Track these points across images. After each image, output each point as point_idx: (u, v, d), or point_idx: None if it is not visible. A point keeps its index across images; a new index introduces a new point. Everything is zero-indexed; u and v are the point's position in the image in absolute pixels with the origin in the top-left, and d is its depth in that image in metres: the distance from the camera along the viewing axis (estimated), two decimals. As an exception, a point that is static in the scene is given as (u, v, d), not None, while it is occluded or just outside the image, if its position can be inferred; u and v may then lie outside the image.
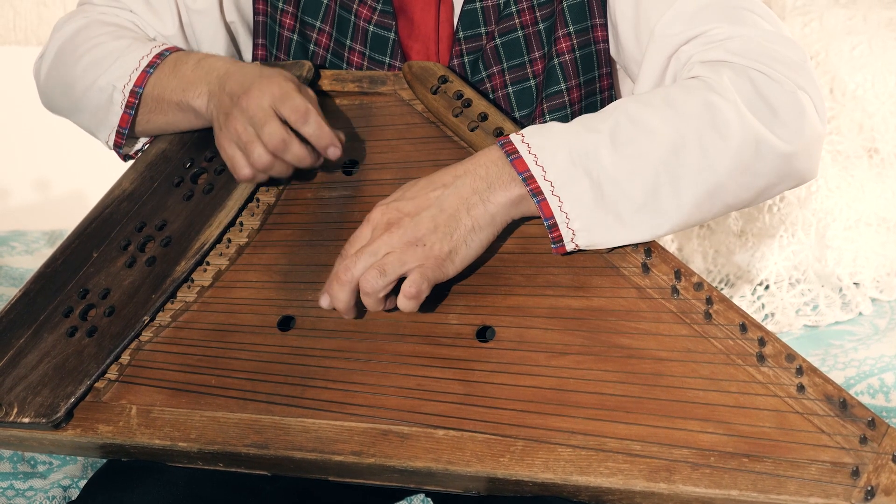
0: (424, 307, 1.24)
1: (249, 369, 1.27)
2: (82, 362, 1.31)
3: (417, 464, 1.17)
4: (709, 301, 1.22)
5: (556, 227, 1.24)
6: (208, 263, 1.38)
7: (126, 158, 1.57)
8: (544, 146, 1.24)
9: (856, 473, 1.08)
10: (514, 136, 1.26)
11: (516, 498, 1.18)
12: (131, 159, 1.57)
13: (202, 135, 1.49)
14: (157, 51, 1.48)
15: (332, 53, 1.52)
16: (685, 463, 1.12)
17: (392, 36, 1.48)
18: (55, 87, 1.56)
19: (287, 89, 1.36)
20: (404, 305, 1.23)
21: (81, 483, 1.51)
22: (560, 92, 1.45)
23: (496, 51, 1.46)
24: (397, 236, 1.23)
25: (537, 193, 1.23)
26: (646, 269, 1.25)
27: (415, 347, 1.25)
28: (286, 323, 1.31)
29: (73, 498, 1.44)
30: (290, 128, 1.35)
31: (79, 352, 1.32)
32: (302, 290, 1.33)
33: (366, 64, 1.50)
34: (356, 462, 1.19)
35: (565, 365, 1.20)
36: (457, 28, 1.47)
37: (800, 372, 1.15)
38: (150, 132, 1.52)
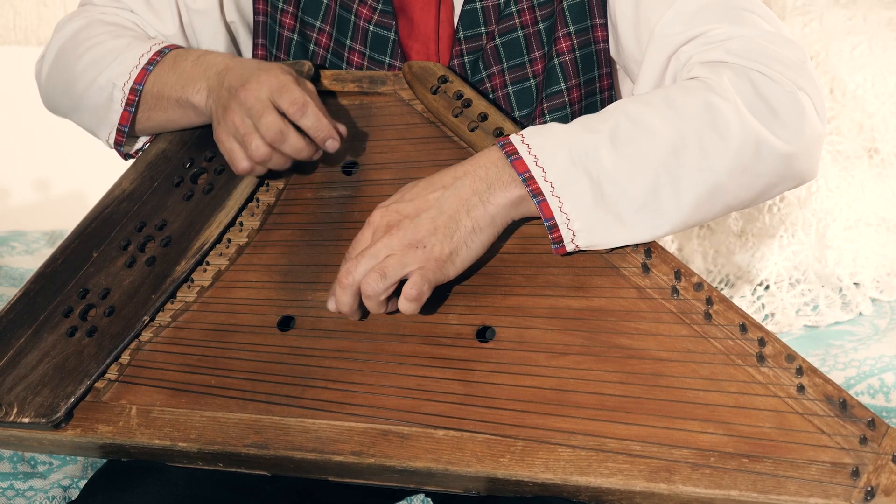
0: (424, 307, 1.24)
1: (249, 369, 1.27)
2: (82, 362, 1.31)
3: (417, 464, 1.17)
4: (709, 301, 1.22)
5: (557, 228, 1.24)
6: (208, 263, 1.38)
7: (127, 157, 1.57)
8: (544, 147, 1.24)
9: (856, 474, 1.08)
10: (514, 137, 1.25)
11: (516, 498, 1.18)
12: (132, 158, 1.56)
13: (202, 134, 1.49)
14: (156, 48, 1.48)
15: (332, 53, 1.51)
16: (685, 463, 1.12)
17: (392, 36, 1.48)
18: (56, 86, 1.56)
19: (285, 81, 1.35)
20: (405, 307, 1.23)
21: (81, 483, 1.51)
22: (560, 92, 1.45)
23: (496, 51, 1.46)
24: (397, 238, 1.23)
25: (537, 194, 1.23)
26: (646, 269, 1.25)
27: (415, 347, 1.25)
28: (286, 323, 1.31)
29: (73, 498, 1.44)
30: (288, 120, 1.35)
31: (79, 352, 1.32)
32: (302, 290, 1.33)
33: (366, 64, 1.50)
34: (356, 462, 1.19)
35: (565, 365, 1.20)
36: (457, 28, 1.47)
37: (800, 372, 1.15)
38: (151, 130, 1.52)
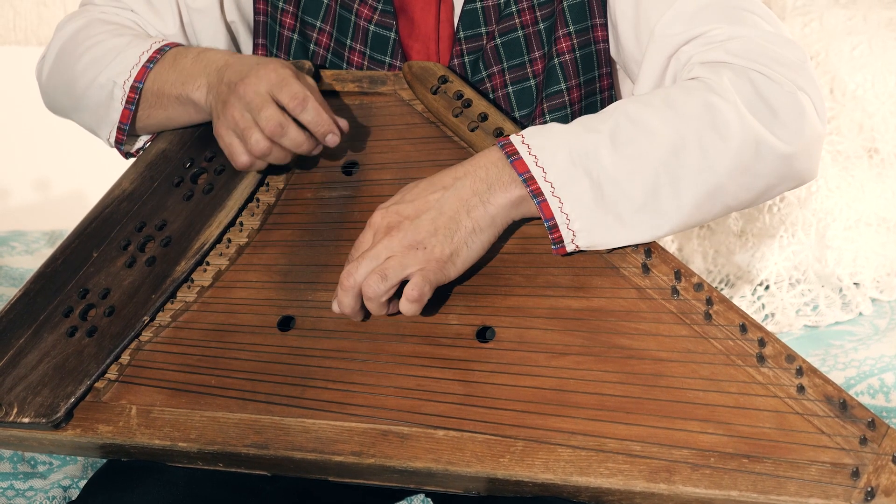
0: (425, 308, 1.24)
1: (249, 369, 1.27)
2: (82, 362, 1.31)
3: (417, 464, 1.17)
4: (709, 301, 1.22)
5: (557, 228, 1.24)
6: (208, 263, 1.38)
7: (127, 156, 1.57)
8: (544, 147, 1.24)
9: (856, 474, 1.08)
10: (514, 137, 1.25)
11: (516, 498, 1.18)
12: (133, 157, 1.56)
13: (202, 134, 1.49)
14: (156, 46, 1.48)
15: (333, 53, 1.51)
16: (685, 463, 1.12)
17: (392, 35, 1.48)
18: (57, 86, 1.56)
19: (284, 76, 1.35)
20: (407, 309, 1.22)
21: (81, 483, 1.51)
22: (560, 92, 1.45)
23: (496, 50, 1.46)
24: (397, 240, 1.23)
25: (538, 194, 1.23)
26: (646, 269, 1.25)
27: (415, 348, 1.25)
28: (286, 323, 1.31)
29: (73, 498, 1.44)
30: (288, 114, 1.35)
31: (79, 352, 1.32)
32: (302, 291, 1.33)
33: (366, 63, 1.50)
34: (356, 462, 1.19)
35: (565, 365, 1.20)
36: (457, 28, 1.47)
37: (800, 373, 1.15)
38: (151, 128, 1.52)
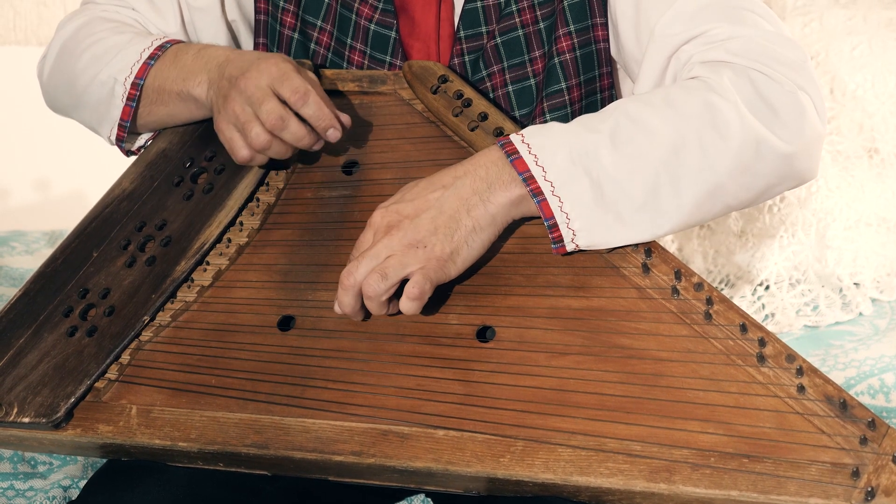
0: (425, 308, 1.24)
1: (249, 369, 1.27)
2: (82, 362, 1.31)
3: (417, 464, 1.17)
4: (709, 301, 1.22)
5: (557, 228, 1.24)
6: (208, 263, 1.38)
7: (128, 154, 1.57)
8: (544, 146, 1.24)
9: (856, 474, 1.08)
10: (514, 137, 1.25)
11: (516, 498, 1.18)
12: (134, 155, 1.56)
13: (202, 134, 1.49)
14: (157, 43, 1.48)
15: (333, 52, 1.51)
16: (685, 463, 1.12)
17: (393, 35, 1.48)
18: (58, 85, 1.56)
19: (285, 70, 1.35)
20: (407, 307, 1.22)
21: (81, 483, 1.51)
22: (560, 91, 1.44)
23: (496, 50, 1.45)
24: (397, 239, 1.23)
25: (538, 194, 1.23)
26: (646, 269, 1.25)
27: (415, 347, 1.25)
28: (286, 323, 1.31)
29: (73, 498, 1.44)
30: (289, 108, 1.35)
31: (79, 351, 1.32)
32: (302, 290, 1.33)
33: (366, 63, 1.50)
34: (356, 462, 1.19)
35: (565, 365, 1.20)
36: (457, 27, 1.47)
37: (800, 372, 1.15)
38: (152, 125, 1.52)
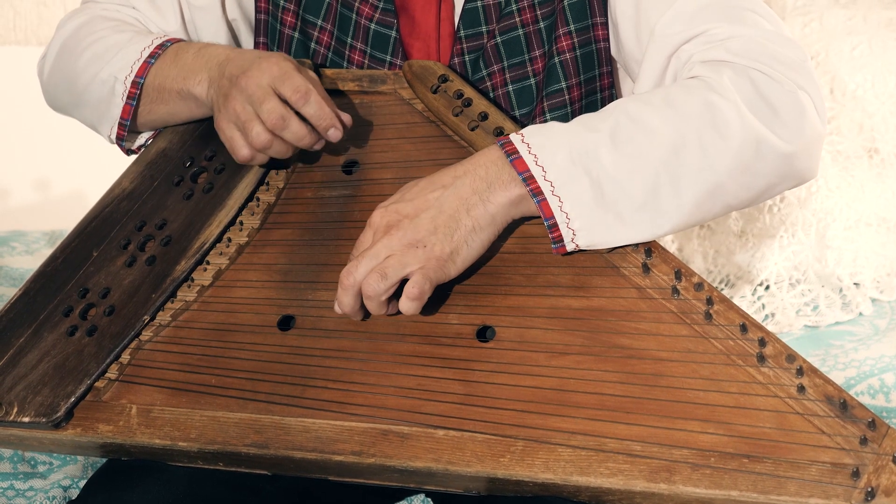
0: (425, 307, 1.24)
1: (249, 369, 1.27)
2: (82, 361, 1.31)
3: (418, 464, 1.17)
4: (709, 301, 1.22)
5: (557, 227, 1.24)
6: (208, 263, 1.38)
7: (129, 153, 1.57)
8: (544, 146, 1.24)
9: (856, 474, 1.08)
10: (513, 136, 1.25)
11: (516, 498, 1.18)
12: (134, 154, 1.56)
13: (202, 133, 1.49)
14: (158, 42, 1.48)
15: (334, 52, 1.51)
16: (685, 463, 1.12)
17: (393, 34, 1.48)
18: (58, 83, 1.56)
19: (286, 69, 1.35)
20: (407, 307, 1.22)
21: (81, 483, 1.51)
22: (560, 91, 1.44)
23: (497, 49, 1.45)
24: (397, 238, 1.23)
25: (537, 193, 1.23)
26: (646, 269, 1.25)
27: (415, 347, 1.25)
28: (286, 322, 1.31)
29: (73, 498, 1.44)
30: (290, 107, 1.35)
31: (79, 351, 1.32)
32: (302, 290, 1.33)
33: (367, 62, 1.49)
34: (356, 462, 1.19)
35: (565, 365, 1.20)
36: (458, 26, 1.47)
37: (800, 373, 1.15)
38: (153, 124, 1.52)
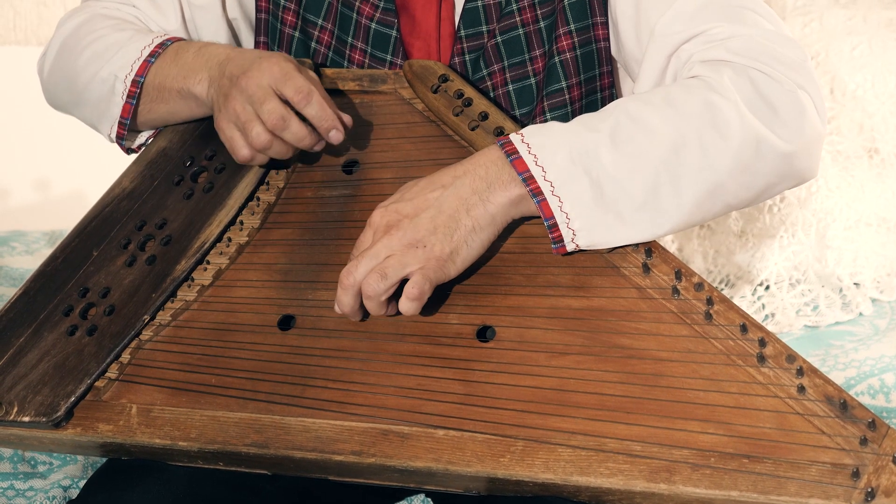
0: (425, 307, 1.24)
1: (249, 368, 1.27)
2: (82, 361, 1.31)
3: (418, 464, 1.17)
4: (709, 301, 1.22)
5: (557, 227, 1.24)
6: (208, 262, 1.37)
7: (129, 152, 1.57)
8: (544, 146, 1.24)
9: (856, 475, 1.08)
10: (513, 136, 1.25)
11: (516, 498, 1.18)
12: (134, 153, 1.56)
13: (202, 133, 1.49)
14: (158, 41, 1.48)
15: (334, 51, 1.51)
16: (685, 464, 1.12)
17: (394, 34, 1.48)
18: (58, 81, 1.56)
19: (287, 69, 1.35)
20: (406, 307, 1.22)
21: (81, 483, 1.51)
22: (560, 90, 1.44)
23: (497, 49, 1.45)
24: (397, 238, 1.23)
25: (537, 193, 1.23)
26: (646, 269, 1.25)
27: (415, 347, 1.25)
28: (286, 322, 1.31)
29: (73, 498, 1.44)
30: (290, 107, 1.35)
31: (79, 350, 1.32)
32: (302, 290, 1.33)
33: (367, 62, 1.49)
34: (356, 462, 1.19)
35: (566, 365, 1.20)
36: (458, 26, 1.47)
37: (800, 373, 1.15)
38: (153, 123, 1.52)
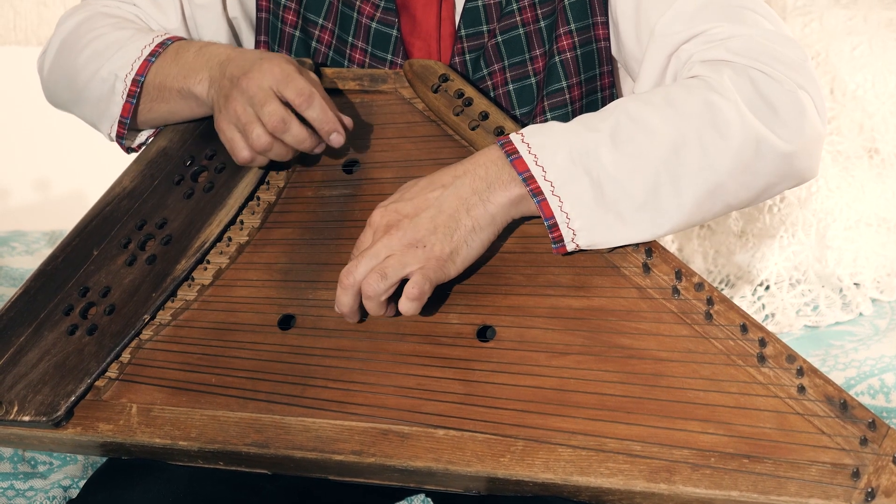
0: (425, 307, 1.24)
1: (250, 368, 1.27)
2: (83, 360, 1.31)
3: (418, 463, 1.17)
4: (709, 301, 1.22)
5: (557, 227, 1.24)
6: (209, 262, 1.37)
7: (129, 151, 1.57)
8: (544, 146, 1.24)
9: (856, 475, 1.08)
10: (513, 136, 1.25)
11: (516, 498, 1.18)
12: (134, 152, 1.56)
13: (203, 132, 1.49)
14: (159, 40, 1.48)
15: (335, 50, 1.51)
16: (685, 463, 1.12)
17: (394, 33, 1.48)
18: (58, 79, 1.56)
19: (289, 71, 1.35)
20: (406, 307, 1.22)
21: (81, 483, 1.51)
22: (561, 90, 1.44)
23: (497, 48, 1.45)
24: (396, 238, 1.23)
25: (537, 193, 1.23)
26: (647, 269, 1.25)
27: (415, 347, 1.25)
28: (286, 322, 1.31)
29: (73, 497, 1.44)
30: (291, 109, 1.35)
31: (79, 350, 1.32)
32: (302, 289, 1.33)
33: (368, 61, 1.49)
34: (356, 461, 1.19)
35: (566, 365, 1.20)
36: (458, 26, 1.47)
37: (800, 373, 1.15)
38: (153, 122, 1.52)
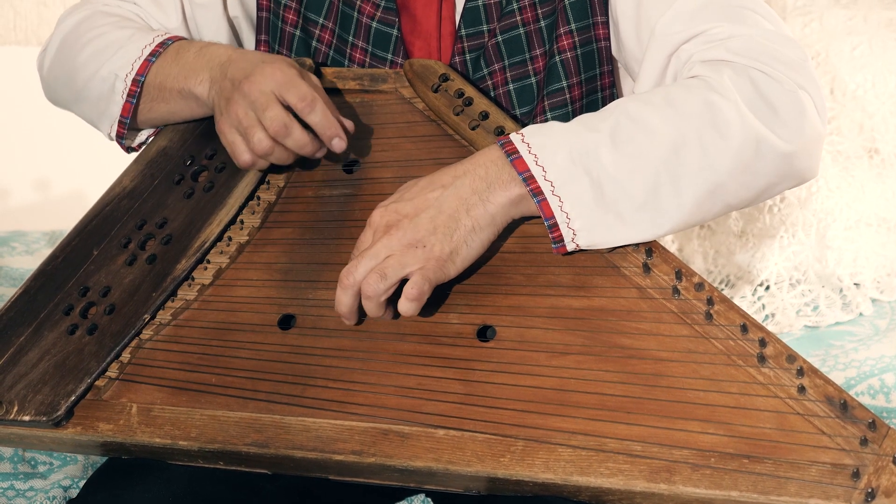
0: (425, 307, 1.24)
1: (250, 368, 1.27)
2: (83, 360, 1.31)
3: (418, 463, 1.17)
4: (709, 301, 1.22)
5: (557, 227, 1.24)
6: (209, 261, 1.37)
7: (129, 150, 1.57)
8: (545, 145, 1.24)
9: (856, 475, 1.08)
10: (514, 136, 1.25)
11: (516, 497, 1.18)
12: (134, 152, 1.56)
13: (203, 132, 1.49)
14: (159, 40, 1.48)
15: (335, 50, 1.51)
16: (685, 464, 1.12)
17: (395, 33, 1.48)
18: (58, 78, 1.56)
19: (291, 75, 1.35)
20: (406, 308, 1.22)
21: (81, 483, 1.51)
22: (561, 90, 1.44)
23: (497, 48, 1.45)
24: (396, 238, 1.23)
25: (537, 193, 1.23)
26: (647, 269, 1.25)
27: (415, 347, 1.25)
28: (287, 321, 1.31)
29: (73, 497, 1.44)
30: (292, 114, 1.35)
31: (79, 350, 1.32)
32: (302, 289, 1.33)
33: (368, 60, 1.49)
34: (356, 461, 1.19)
35: (566, 365, 1.20)
36: (458, 25, 1.47)
37: (801, 373, 1.15)
38: (153, 122, 1.52)
